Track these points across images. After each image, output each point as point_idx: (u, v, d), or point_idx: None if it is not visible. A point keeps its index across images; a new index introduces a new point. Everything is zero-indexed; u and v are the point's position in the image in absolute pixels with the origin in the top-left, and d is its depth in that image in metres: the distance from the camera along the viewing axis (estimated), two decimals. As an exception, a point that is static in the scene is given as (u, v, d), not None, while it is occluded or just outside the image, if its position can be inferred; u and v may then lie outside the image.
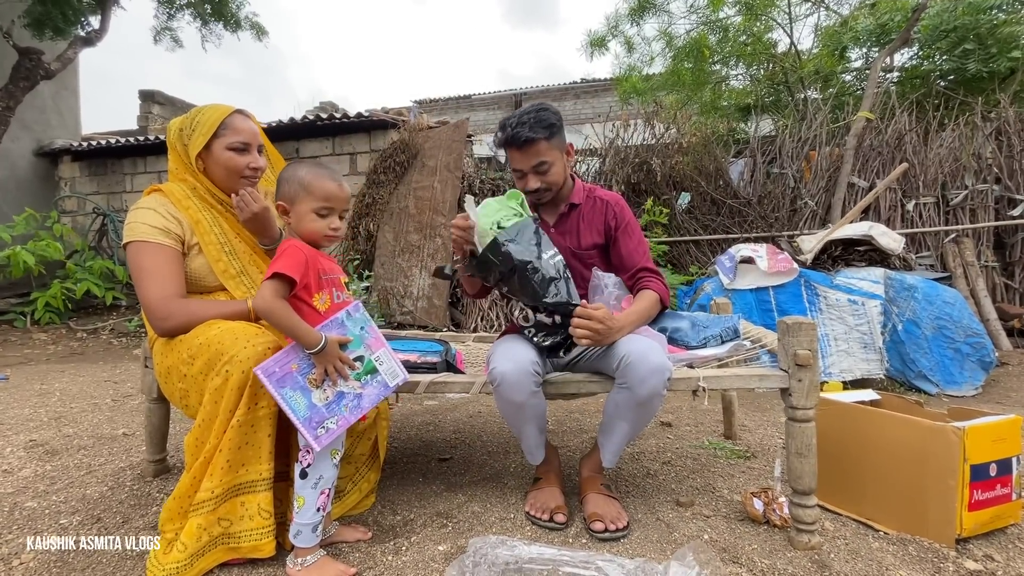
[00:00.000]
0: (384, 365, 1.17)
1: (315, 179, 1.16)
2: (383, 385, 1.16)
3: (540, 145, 1.42)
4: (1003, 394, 2.79)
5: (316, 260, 1.15)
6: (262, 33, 7.09)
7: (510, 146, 1.45)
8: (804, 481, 1.21)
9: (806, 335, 1.20)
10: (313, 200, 1.15)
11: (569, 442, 1.99)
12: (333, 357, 1.09)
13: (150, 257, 1.28)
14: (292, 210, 1.17)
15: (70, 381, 3.06)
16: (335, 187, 1.17)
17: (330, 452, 1.12)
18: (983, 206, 4.11)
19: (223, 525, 1.10)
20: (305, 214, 1.16)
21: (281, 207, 1.18)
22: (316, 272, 1.14)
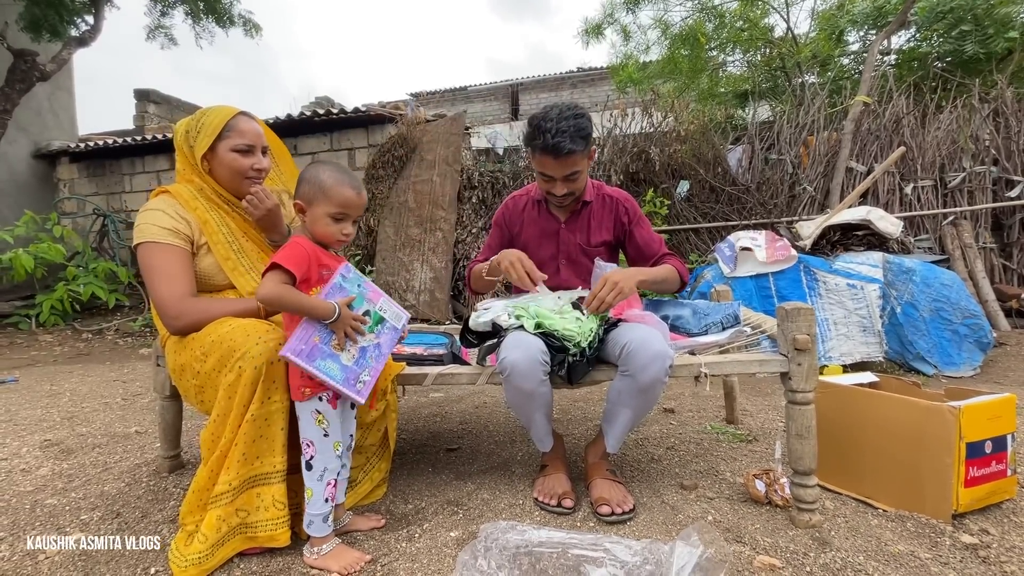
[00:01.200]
0: (388, 312, 1.24)
1: (335, 184, 1.18)
2: (393, 329, 1.24)
3: (577, 156, 1.44)
4: (1001, 374, 2.83)
5: (317, 256, 1.17)
6: (256, 29, 7.06)
7: (546, 154, 1.44)
8: (804, 462, 1.24)
9: (804, 320, 1.22)
10: (330, 205, 1.17)
11: (574, 430, 2.03)
12: (347, 319, 1.13)
13: (160, 257, 1.31)
14: (308, 210, 1.19)
15: (79, 381, 3.10)
16: (353, 195, 1.19)
17: (332, 444, 1.15)
18: (981, 188, 4.13)
19: (240, 516, 1.13)
20: (320, 217, 1.18)
21: (298, 206, 1.20)
22: (317, 268, 1.17)
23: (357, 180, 1.21)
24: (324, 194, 1.17)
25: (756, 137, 4.70)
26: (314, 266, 1.16)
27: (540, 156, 1.46)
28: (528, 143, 1.49)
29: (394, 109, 5.56)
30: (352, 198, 1.19)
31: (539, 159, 1.47)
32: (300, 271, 1.12)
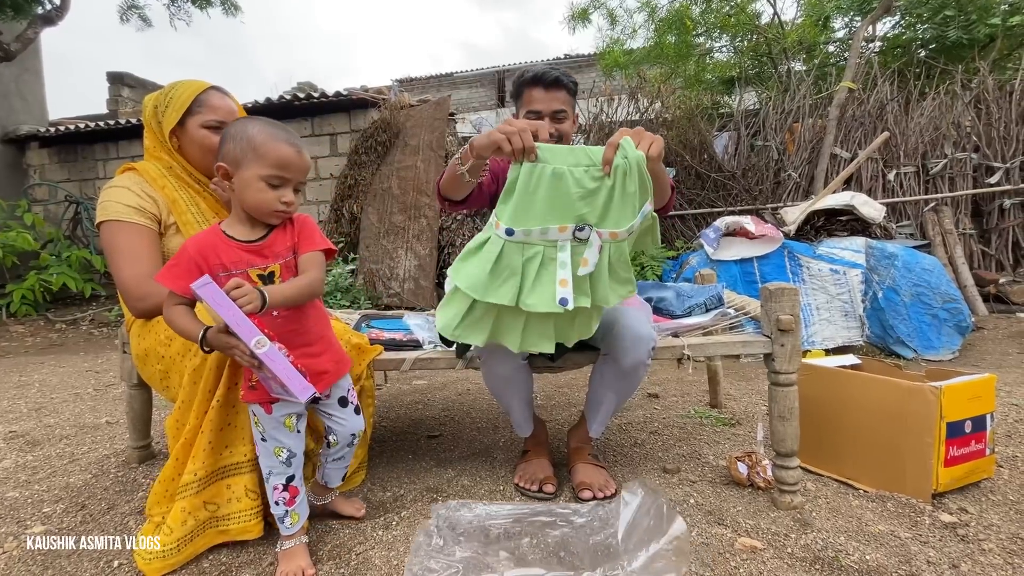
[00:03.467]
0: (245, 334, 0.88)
1: (267, 140, 0.97)
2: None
3: (564, 93, 1.41)
4: (979, 357, 2.87)
5: (210, 257, 0.96)
6: (235, 9, 6.85)
7: (535, 84, 1.39)
8: (786, 444, 1.23)
9: (788, 301, 1.21)
10: (263, 166, 0.96)
11: (558, 416, 2.01)
12: (222, 345, 0.92)
13: (125, 237, 1.24)
14: (236, 175, 0.98)
15: (50, 372, 3.01)
16: (292, 152, 0.98)
17: (272, 449, 1.03)
18: (962, 174, 4.17)
19: (210, 509, 1.09)
20: (251, 182, 0.97)
21: (222, 169, 0.99)
22: (212, 270, 0.95)
23: (296, 137, 1.01)
24: (255, 152, 0.96)
25: (742, 124, 4.69)
26: (205, 271, 0.94)
27: (528, 89, 1.41)
28: (515, 88, 1.46)
29: (377, 94, 5.44)
30: (291, 156, 0.98)
31: (527, 94, 1.41)
32: (182, 286, 0.92)
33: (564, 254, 1.04)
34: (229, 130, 1.01)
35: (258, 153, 0.97)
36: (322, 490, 1.21)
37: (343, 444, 1.12)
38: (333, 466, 1.17)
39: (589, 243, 1.04)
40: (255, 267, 0.99)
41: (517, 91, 1.46)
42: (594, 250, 1.04)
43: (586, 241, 1.04)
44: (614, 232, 1.05)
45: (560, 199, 1.03)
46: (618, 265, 1.09)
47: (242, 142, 0.97)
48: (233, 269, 0.97)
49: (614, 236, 1.05)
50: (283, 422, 1.04)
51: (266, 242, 1.01)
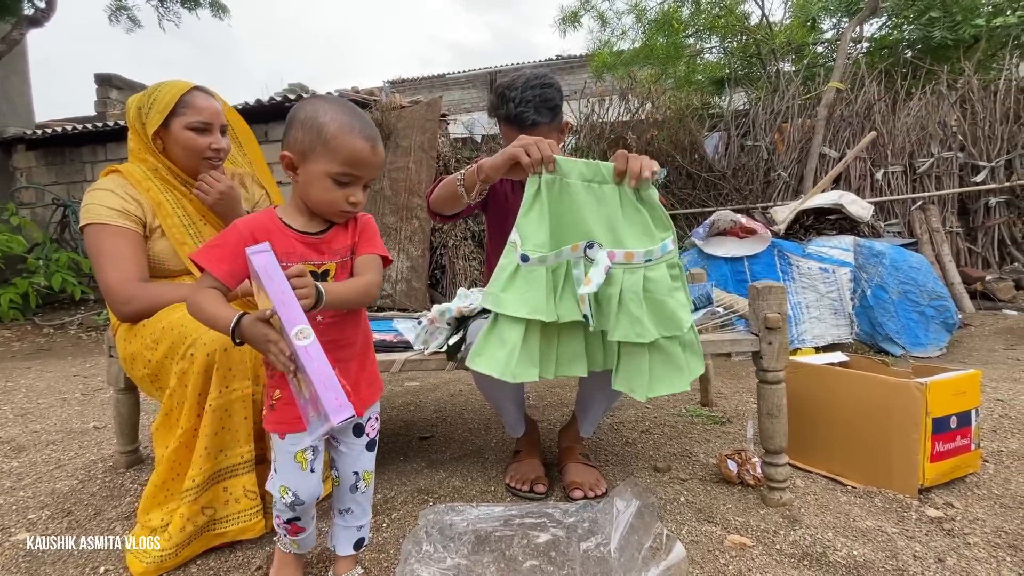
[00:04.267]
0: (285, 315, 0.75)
1: (340, 132, 0.85)
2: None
3: (542, 129, 1.32)
4: (966, 354, 2.91)
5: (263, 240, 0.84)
6: (223, 11, 6.81)
7: (510, 124, 1.33)
8: (775, 441, 1.24)
9: (776, 298, 1.21)
10: (333, 162, 0.85)
11: (550, 416, 2.01)
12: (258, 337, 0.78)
13: (109, 240, 1.23)
14: (302, 167, 0.87)
15: (36, 377, 2.97)
16: (367, 148, 0.86)
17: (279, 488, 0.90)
18: (948, 173, 4.22)
19: (207, 514, 1.08)
20: (319, 178, 0.86)
21: (286, 159, 0.88)
22: None
23: (372, 127, 0.89)
24: (325, 145, 0.85)
25: (732, 124, 4.72)
26: None
27: (504, 126, 1.36)
28: (493, 112, 1.39)
29: (368, 95, 5.43)
30: (365, 152, 0.86)
31: (505, 131, 1.37)
32: (222, 270, 0.83)
33: (578, 271, 1.06)
34: (297, 114, 0.87)
35: (328, 147, 0.85)
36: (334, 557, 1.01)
37: (345, 485, 0.96)
38: (340, 523, 0.98)
39: (597, 262, 1.01)
40: (310, 262, 0.89)
41: (495, 115, 1.38)
42: (599, 270, 1.00)
43: (594, 261, 1.02)
44: (629, 253, 1.01)
45: (576, 214, 1.03)
46: (631, 301, 1.01)
47: (311, 132, 0.85)
48: (285, 261, 0.84)
49: (629, 258, 1.01)
50: (294, 455, 0.89)
51: (325, 237, 0.91)
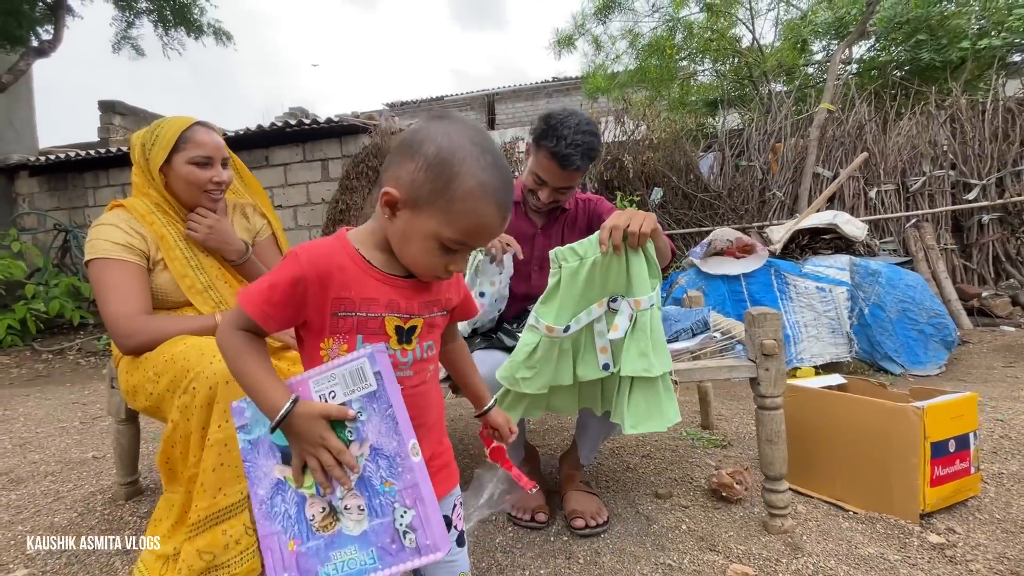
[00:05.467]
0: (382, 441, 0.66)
1: (477, 196, 0.66)
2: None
3: (579, 173, 1.42)
4: (965, 371, 2.91)
5: (337, 282, 0.68)
6: (227, 38, 6.95)
7: (553, 160, 1.36)
8: (775, 467, 1.24)
9: (771, 325, 1.23)
10: (452, 226, 0.67)
11: (550, 441, 2.01)
12: (311, 438, 0.65)
13: (113, 274, 1.25)
14: (406, 213, 0.68)
15: (35, 405, 2.96)
16: (498, 220, 0.69)
17: None
18: (940, 191, 4.28)
19: (206, 559, 1.04)
20: (425, 237, 0.67)
21: (389, 196, 0.68)
22: (330, 302, 0.68)
23: (511, 188, 0.70)
24: (449, 203, 0.66)
25: (726, 144, 4.80)
26: (322, 296, 0.68)
27: (546, 160, 1.38)
28: (538, 140, 1.40)
29: (368, 120, 5.52)
30: (495, 224, 0.69)
31: (542, 162, 1.39)
32: (275, 318, 0.67)
33: (601, 324, 1.16)
34: (423, 146, 0.67)
35: (453, 208, 0.66)
36: None
37: None
38: None
39: (620, 311, 1.14)
40: (395, 313, 0.71)
41: (537, 143, 1.40)
42: (624, 317, 1.14)
43: (617, 311, 1.15)
44: (637, 300, 1.13)
45: (597, 281, 1.14)
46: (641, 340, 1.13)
47: (439, 179, 0.65)
48: (365, 311, 0.69)
49: (637, 305, 1.14)
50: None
51: (416, 282, 0.73)
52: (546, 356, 1.15)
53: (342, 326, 0.69)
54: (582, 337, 1.18)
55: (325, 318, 0.69)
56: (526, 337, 1.17)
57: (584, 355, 1.18)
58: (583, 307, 1.15)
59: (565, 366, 1.17)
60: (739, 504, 1.40)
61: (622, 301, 1.15)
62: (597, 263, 1.13)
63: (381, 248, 0.72)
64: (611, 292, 1.16)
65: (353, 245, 0.71)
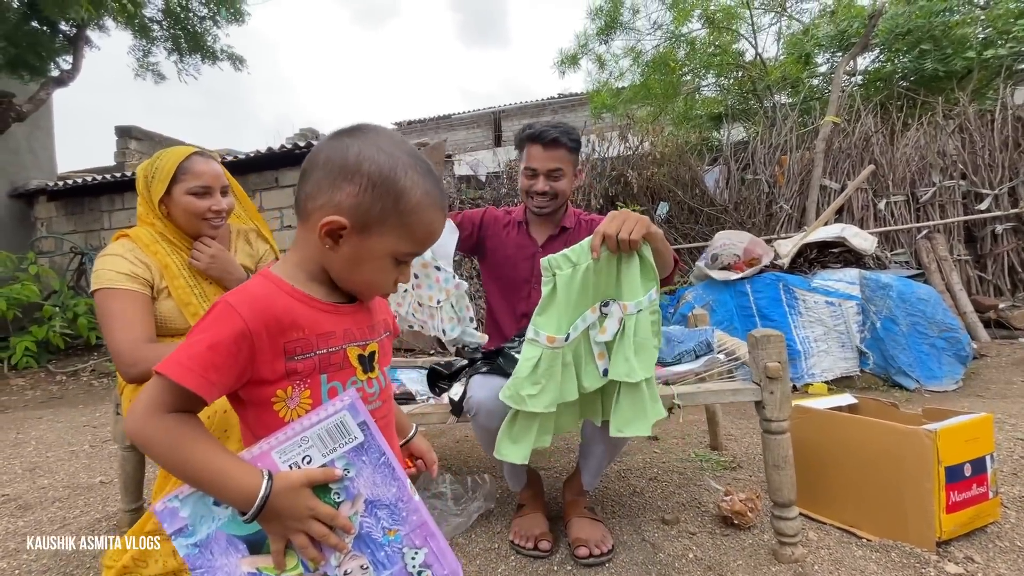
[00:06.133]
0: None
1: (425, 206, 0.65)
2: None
3: (562, 151, 1.47)
4: (983, 386, 2.83)
5: (285, 324, 0.62)
6: (240, 62, 7.13)
7: (534, 142, 1.47)
8: (783, 493, 1.21)
9: (774, 347, 1.21)
10: (407, 239, 0.66)
11: (556, 462, 1.98)
12: (296, 513, 0.59)
13: (118, 303, 1.27)
14: (354, 239, 0.64)
15: (47, 428, 2.99)
16: (442, 219, 0.69)
17: None
18: (951, 201, 4.22)
19: None
20: (380, 256, 0.65)
21: (334, 225, 0.62)
22: (283, 348, 0.62)
23: (444, 189, 0.70)
24: (402, 219, 0.64)
25: (732, 158, 4.79)
26: (276, 348, 0.61)
27: (528, 146, 1.50)
28: (518, 140, 1.55)
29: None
30: (441, 227, 0.69)
31: (527, 149, 1.51)
32: (219, 384, 0.59)
33: (595, 330, 1.16)
34: (361, 166, 0.62)
35: (406, 222, 0.64)
36: None
37: None
38: None
39: (611, 314, 1.14)
40: (354, 342, 0.68)
41: (520, 144, 1.55)
42: (614, 320, 1.13)
43: (608, 315, 1.15)
44: (624, 304, 1.13)
45: (586, 287, 1.13)
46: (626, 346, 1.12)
47: (386, 198, 0.63)
48: (325, 347, 0.65)
49: (624, 309, 1.13)
50: None
51: (361, 306, 0.70)
52: (549, 370, 1.11)
53: (301, 370, 0.63)
54: (581, 347, 1.16)
55: (279, 367, 0.62)
56: (527, 351, 1.13)
57: (586, 366, 1.16)
58: (579, 313, 1.14)
59: (569, 380, 1.15)
60: (748, 531, 1.37)
61: (612, 304, 1.15)
62: (590, 269, 1.12)
63: (316, 279, 0.67)
64: (603, 296, 1.16)
65: (287, 282, 0.65)
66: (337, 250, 0.64)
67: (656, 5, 5.84)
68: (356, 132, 0.65)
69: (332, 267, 0.66)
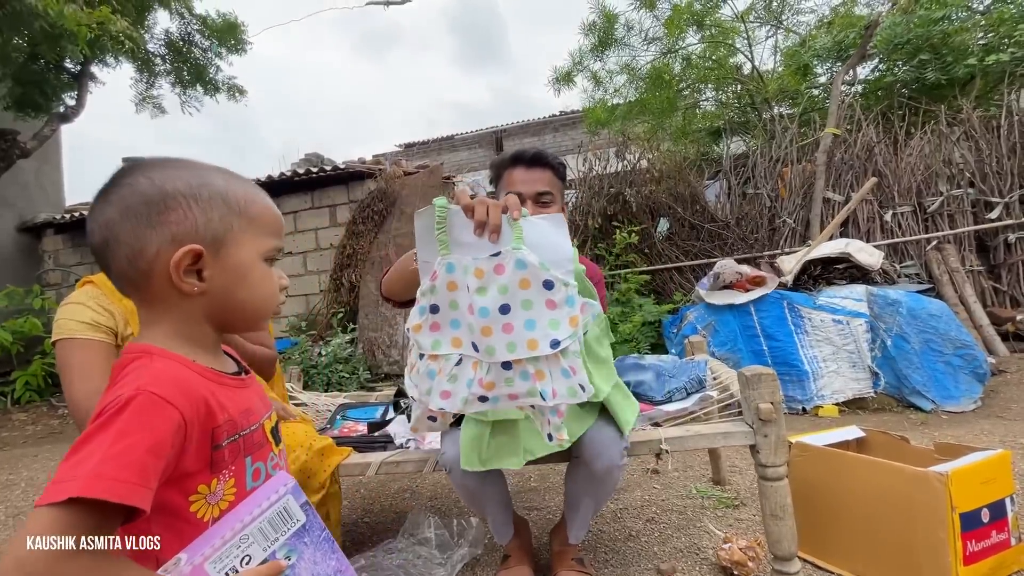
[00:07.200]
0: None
1: (251, 194, 0.63)
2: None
3: (548, 173, 1.29)
4: (1003, 406, 2.70)
5: (210, 407, 0.56)
6: (240, 93, 7.25)
7: (515, 164, 1.29)
8: (783, 546, 1.12)
9: (767, 387, 1.13)
10: (263, 234, 0.63)
11: (550, 502, 1.89)
12: None
13: (78, 353, 1.22)
14: (215, 264, 0.59)
15: (40, 468, 2.95)
16: (277, 209, 0.67)
17: None
18: (960, 211, 4.10)
19: None
20: (252, 265, 0.61)
21: (191, 254, 0.57)
22: (210, 435, 0.56)
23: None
24: (244, 215, 0.61)
25: (731, 172, 4.72)
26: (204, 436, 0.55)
27: (507, 171, 1.31)
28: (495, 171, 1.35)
29: (373, 164, 5.63)
30: (280, 215, 0.67)
31: (507, 175, 1.31)
32: (151, 492, 0.49)
33: None
34: (171, 191, 0.57)
35: (249, 215, 0.61)
36: None
37: None
38: None
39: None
40: (265, 415, 0.65)
41: (497, 173, 1.35)
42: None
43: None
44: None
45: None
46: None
47: (216, 203, 0.59)
48: (247, 426, 0.60)
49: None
50: None
51: (242, 379, 0.65)
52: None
53: (227, 456, 0.57)
54: None
55: (205, 457, 0.55)
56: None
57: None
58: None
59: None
60: (749, 582, 1.27)
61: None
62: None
63: (198, 342, 0.60)
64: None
65: (179, 355, 0.58)
66: (208, 285, 0.58)
67: (650, 21, 5.85)
68: (122, 176, 0.58)
69: (215, 307, 0.60)
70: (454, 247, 0.89)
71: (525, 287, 0.83)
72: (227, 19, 6.26)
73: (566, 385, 0.82)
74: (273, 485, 0.58)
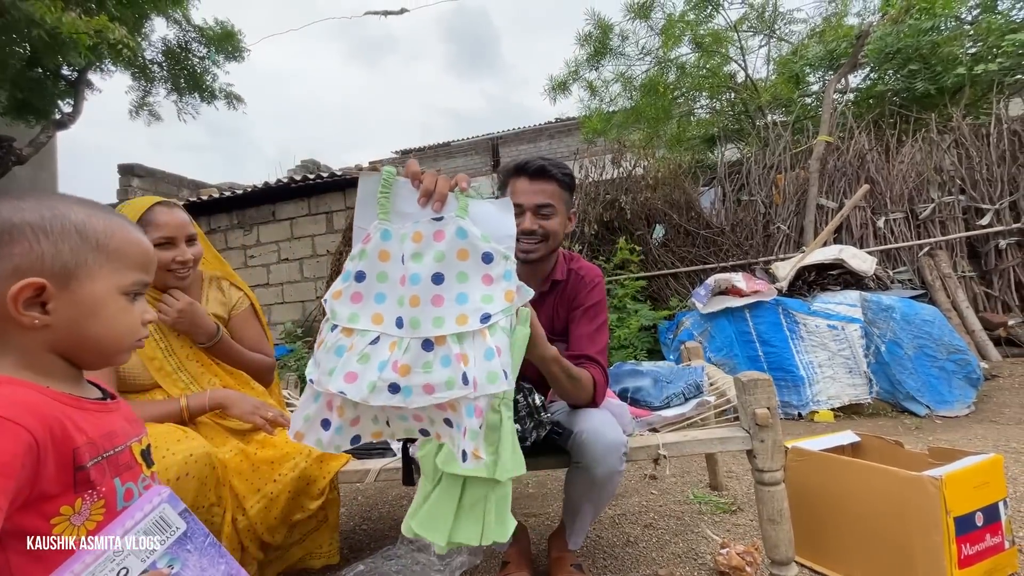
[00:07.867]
0: None
1: (112, 227, 0.61)
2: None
3: (553, 185, 1.25)
4: (996, 411, 2.72)
5: (64, 431, 0.54)
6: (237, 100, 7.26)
7: (519, 174, 1.26)
8: (780, 550, 1.13)
9: (763, 392, 1.14)
10: (124, 267, 0.62)
11: (548, 508, 1.89)
12: None
13: None
14: (63, 297, 0.58)
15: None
16: (143, 237, 0.66)
17: None
18: (952, 217, 4.16)
19: None
20: (108, 299, 0.60)
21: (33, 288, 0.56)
22: (71, 456, 0.55)
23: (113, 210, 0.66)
24: (100, 250, 0.60)
25: (726, 179, 4.77)
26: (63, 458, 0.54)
27: (513, 180, 1.28)
28: (501, 181, 1.34)
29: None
30: (148, 244, 0.66)
31: (511, 185, 1.29)
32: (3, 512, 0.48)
33: None
34: (18, 223, 0.56)
35: (107, 249, 0.60)
36: None
37: None
38: None
39: None
40: (133, 438, 0.65)
41: (503, 181, 1.34)
42: None
43: None
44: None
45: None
46: None
47: (68, 235, 0.58)
48: (111, 447, 0.60)
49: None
50: None
51: (110, 403, 0.65)
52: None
53: (94, 478, 0.56)
54: None
55: (67, 479, 0.54)
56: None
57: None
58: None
59: None
60: (747, 587, 1.27)
61: None
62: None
63: (56, 377, 0.60)
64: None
65: (32, 382, 0.56)
66: (52, 319, 0.57)
67: (645, 31, 5.92)
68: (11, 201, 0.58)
69: (63, 340, 0.59)
70: (394, 217, 0.86)
71: (463, 258, 0.82)
72: (225, 27, 6.27)
73: (487, 370, 0.79)
74: (147, 497, 0.58)
